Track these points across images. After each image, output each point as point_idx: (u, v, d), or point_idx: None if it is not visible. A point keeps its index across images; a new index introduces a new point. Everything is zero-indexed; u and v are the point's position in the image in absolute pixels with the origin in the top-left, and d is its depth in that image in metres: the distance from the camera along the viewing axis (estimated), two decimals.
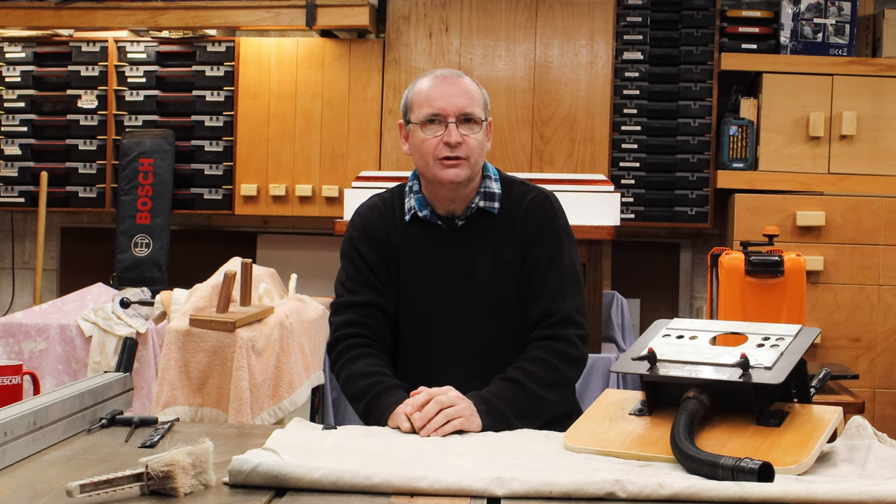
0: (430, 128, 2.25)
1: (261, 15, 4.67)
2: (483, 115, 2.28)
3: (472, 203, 2.31)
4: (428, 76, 2.30)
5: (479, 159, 2.28)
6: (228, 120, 4.86)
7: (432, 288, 2.31)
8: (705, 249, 4.75)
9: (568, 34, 4.73)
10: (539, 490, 1.45)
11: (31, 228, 5.25)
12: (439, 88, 2.26)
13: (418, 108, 2.27)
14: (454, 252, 2.31)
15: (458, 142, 2.23)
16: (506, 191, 2.34)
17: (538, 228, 2.30)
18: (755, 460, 1.50)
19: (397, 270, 2.33)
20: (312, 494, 1.47)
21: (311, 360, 3.53)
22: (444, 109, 2.24)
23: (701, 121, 4.66)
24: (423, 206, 2.33)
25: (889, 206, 4.28)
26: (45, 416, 1.75)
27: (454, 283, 2.29)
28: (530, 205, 2.32)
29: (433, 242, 2.32)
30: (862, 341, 4.27)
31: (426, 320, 2.31)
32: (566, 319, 2.24)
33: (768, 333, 1.84)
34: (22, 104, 4.96)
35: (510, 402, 2.12)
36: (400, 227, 2.34)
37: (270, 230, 5.11)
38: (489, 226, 2.31)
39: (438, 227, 2.32)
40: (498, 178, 2.36)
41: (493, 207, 2.31)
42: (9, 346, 3.64)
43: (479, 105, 2.28)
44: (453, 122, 2.23)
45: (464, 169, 2.24)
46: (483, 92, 2.32)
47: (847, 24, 4.53)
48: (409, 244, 2.33)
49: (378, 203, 2.40)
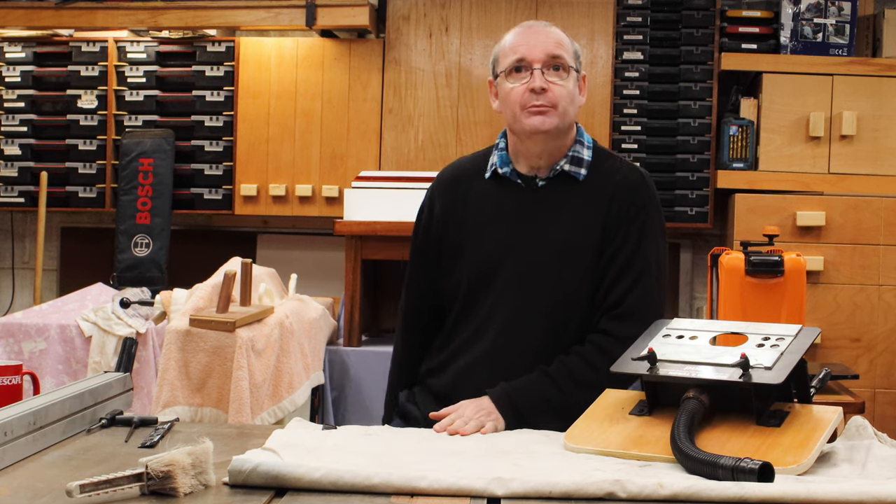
0: (515, 76, 2.18)
1: (261, 15, 4.67)
2: (573, 64, 2.19)
3: (558, 165, 2.20)
4: (515, 28, 2.24)
5: (569, 110, 2.17)
6: (228, 120, 4.86)
7: (500, 246, 2.20)
8: (705, 249, 4.75)
9: (568, 34, 4.72)
10: (539, 490, 1.45)
11: (31, 228, 5.25)
12: (524, 36, 2.20)
13: (504, 57, 2.21)
14: (528, 212, 2.20)
15: (544, 88, 2.14)
16: (597, 160, 2.23)
17: (627, 209, 2.17)
18: (755, 460, 1.50)
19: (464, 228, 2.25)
20: (312, 494, 1.47)
21: (311, 360, 3.53)
22: (529, 54, 2.16)
23: (701, 121, 4.66)
24: (504, 163, 2.24)
25: (889, 206, 4.28)
26: (45, 416, 1.75)
27: (523, 242, 2.18)
28: (623, 182, 2.19)
29: (509, 199, 2.22)
30: (862, 341, 4.27)
31: (489, 277, 2.20)
32: (629, 314, 2.13)
33: (768, 333, 1.84)
34: (22, 104, 4.96)
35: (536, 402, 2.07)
36: (478, 183, 2.26)
37: (270, 230, 5.11)
38: (572, 192, 2.19)
39: (517, 186, 2.23)
40: (591, 146, 2.25)
41: (579, 173, 2.20)
42: (9, 346, 3.64)
43: (568, 52, 2.19)
44: (539, 68, 2.15)
45: (551, 117, 2.14)
46: (574, 43, 2.24)
47: (847, 24, 4.53)
48: (483, 199, 2.25)
49: (463, 162, 2.35)
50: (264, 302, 3.45)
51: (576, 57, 2.22)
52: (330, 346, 3.87)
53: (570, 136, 2.23)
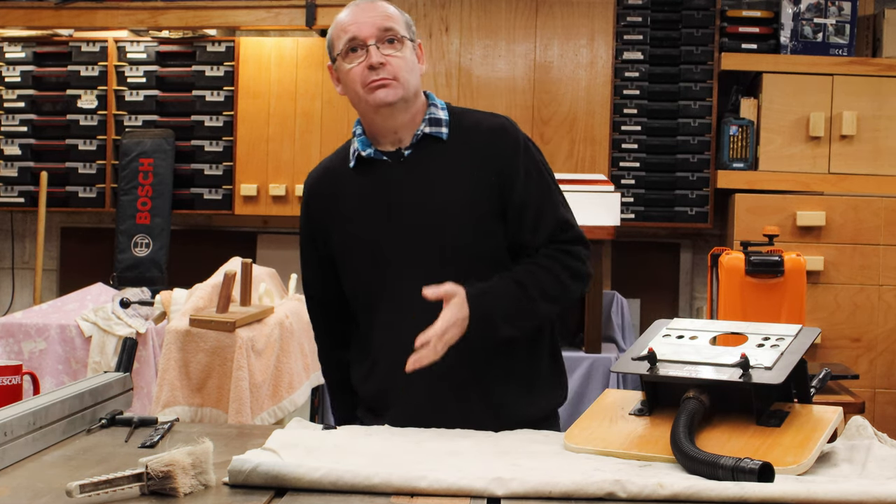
0: (352, 56, 2.16)
1: (261, 15, 4.67)
2: (406, 34, 2.18)
3: (419, 130, 2.19)
4: (345, 9, 2.22)
5: (411, 79, 2.16)
6: (228, 120, 4.86)
7: (383, 226, 2.17)
8: (705, 249, 4.75)
9: (568, 34, 4.73)
10: (539, 490, 1.45)
11: (31, 228, 5.25)
12: (353, 15, 2.17)
13: (337, 40, 2.19)
14: (401, 184, 2.17)
15: (381, 62, 2.13)
16: (455, 118, 2.22)
17: (508, 152, 2.18)
18: (755, 460, 1.50)
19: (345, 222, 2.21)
20: (312, 494, 1.46)
21: (311, 360, 3.53)
22: (361, 31, 2.14)
23: (701, 121, 4.66)
24: (366, 146, 2.21)
25: (889, 206, 4.28)
26: (45, 416, 1.75)
27: (404, 215, 2.16)
28: (491, 129, 2.20)
29: (379, 179, 2.19)
30: (862, 341, 4.27)
31: (383, 262, 2.17)
32: (577, 239, 2.17)
33: (768, 333, 1.84)
34: (22, 104, 4.96)
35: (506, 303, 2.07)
36: (346, 175, 2.23)
37: (270, 230, 5.11)
38: (440, 152, 2.19)
39: (384, 163, 2.20)
40: (445, 107, 2.25)
41: (441, 133, 2.19)
42: (9, 346, 3.64)
43: (400, 24, 2.18)
44: (373, 43, 2.14)
45: (394, 89, 2.13)
46: (404, 14, 2.22)
47: (847, 24, 4.53)
48: (355, 187, 2.21)
49: (326, 161, 2.32)
50: (264, 302, 3.45)
51: (408, 27, 2.21)
52: None
53: (421, 104, 2.22)
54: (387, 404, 2.18)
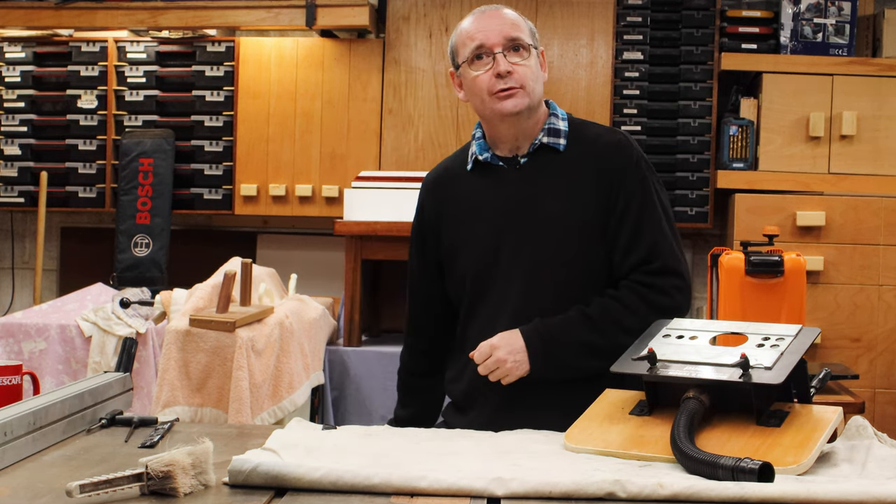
0: (478, 64, 2.18)
1: (261, 15, 4.67)
2: (531, 42, 2.20)
3: (536, 139, 2.21)
4: (468, 16, 2.24)
5: (536, 87, 2.19)
6: (228, 120, 4.86)
7: (495, 231, 2.20)
8: (705, 249, 4.75)
9: (568, 34, 4.73)
10: (539, 490, 1.45)
11: (30, 228, 5.25)
12: (479, 23, 2.19)
13: (462, 47, 2.22)
14: (516, 191, 2.20)
15: (509, 70, 2.15)
16: (574, 130, 2.23)
17: (622, 168, 2.17)
18: (755, 460, 1.50)
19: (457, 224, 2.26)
20: (312, 494, 1.47)
21: (311, 360, 3.53)
22: (488, 39, 2.16)
23: (701, 121, 4.66)
24: (484, 150, 2.25)
25: (889, 206, 4.28)
26: (45, 416, 1.75)
27: (516, 222, 2.19)
28: (608, 145, 2.20)
29: (495, 184, 2.22)
30: (862, 341, 4.27)
31: (491, 266, 2.20)
32: (666, 269, 2.12)
33: (768, 333, 1.84)
34: (22, 104, 4.96)
35: (572, 341, 2.07)
36: (462, 177, 2.27)
37: (270, 230, 5.11)
38: (556, 162, 2.20)
39: (501, 169, 2.23)
40: (566, 118, 2.26)
41: (559, 144, 2.21)
42: (9, 346, 3.64)
43: (525, 32, 2.19)
44: (500, 51, 2.16)
45: (521, 98, 2.15)
46: (528, 22, 2.24)
47: (847, 24, 4.53)
48: (470, 191, 2.25)
49: (446, 161, 2.36)
50: (264, 302, 3.45)
51: (532, 35, 2.23)
52: (330, 346, 3.88)
53: (542, 112, 2.25)
54: (472, 404, 2.22)
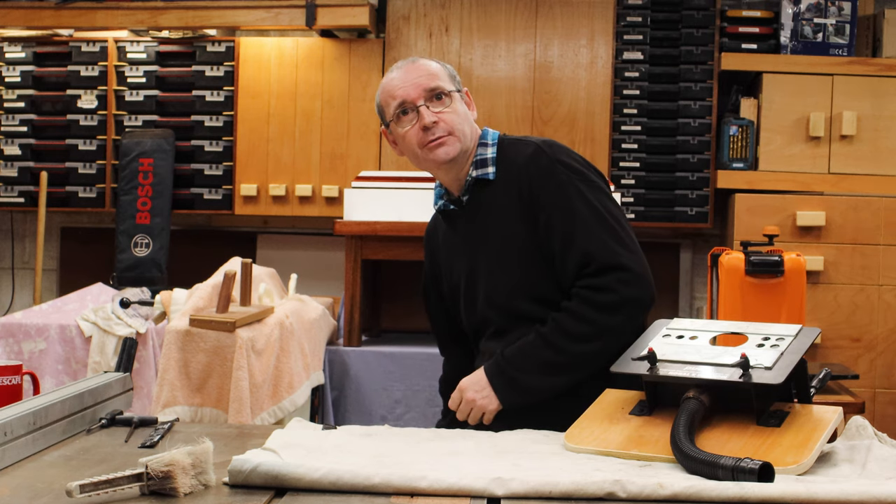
0: (404, 120, 2.22)
1: (261, 15, 4.67)
2: (451, 87, 2.23)
3: (468, 177, 2.26)
4: (388, 72, 2.28)
5: (465, 129, 2.22)
6: (228, 120, 4.86)
7: (461, 272, 2.31)
8: (705, 249, 4.75)
9: (568, 34, 4.73)
10: (539, 490, 1.45)
11: (30, 228, 5.25)
12: (398, 79, 2.23)
13: (387, 106, 2.25)
14: (465, 230, 2.29)
15: (434, 121, 2.18)
16: (502, 153, 2.25)
17: (538, 183, 2.19)
18: (755, 460, 1.50)
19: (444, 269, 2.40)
20: (312, 494, 1.47)
21: (311, 360, 3.53)
22: (409, 94, 2.20)
23: (701, 121, 4.66)
24: (438, 197, 2.35)
25: (889, 206, 4.28)
26: (45, 416, 1.75)
27: (472, 260, 2.28)
28: (524, 164, 2.22)
29: (452, 227, 2.34)
30: (862, 341, 4.27)
31: (467, 304, 2.32)
32: (604, 268, 2.13)
33: (768, 333, 1.84)
34: (22, 104, 4.96)
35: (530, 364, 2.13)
36: (440, 226, 2.40)
37: (270, 230, 5.11)
38: (489, 194, 2.24)
39: (454, 212, 2.32)
40: (495, 142, 2.27)
41: (488, 174, 2.24)
42: (9, 346, 3.64)
43: (444, 78, 2.23)
44: (423, 104, 2.19)
45: (451, 144, 2.20)
46: (446, 66, 2.27)
47: (847, 24, 4.53)
48: (443, 236, 2.38)
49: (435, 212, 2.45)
50: (264, 302, 3.45)
51: (452, 79, 2.26)
52: (330, 346, 3.88)
53: (474, 146, 2.28)
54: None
